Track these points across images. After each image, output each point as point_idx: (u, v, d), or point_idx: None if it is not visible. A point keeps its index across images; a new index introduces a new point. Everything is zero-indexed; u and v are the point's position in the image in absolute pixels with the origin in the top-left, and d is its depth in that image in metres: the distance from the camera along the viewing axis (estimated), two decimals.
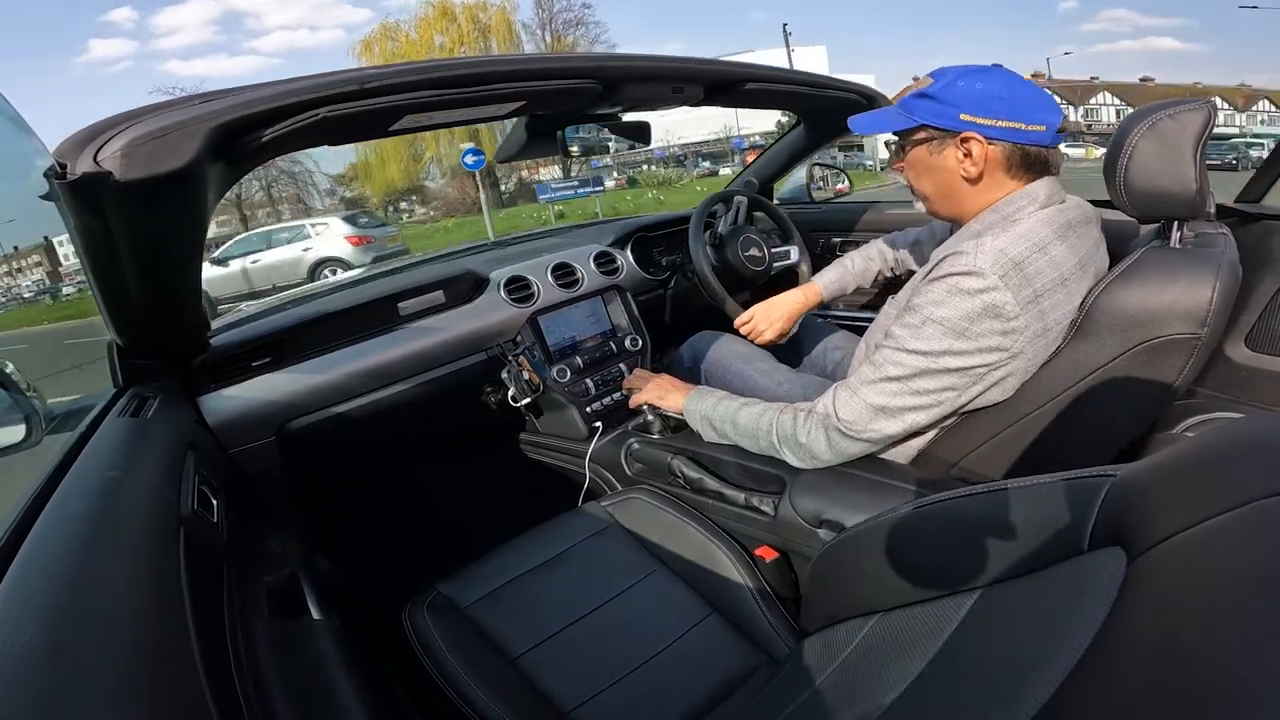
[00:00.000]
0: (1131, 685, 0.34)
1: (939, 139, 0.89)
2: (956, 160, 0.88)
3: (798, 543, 0.97)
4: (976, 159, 0.86)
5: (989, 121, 0.84)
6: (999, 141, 0.85)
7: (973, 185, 0.89)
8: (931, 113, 0.88)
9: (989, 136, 0.85)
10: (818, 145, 1.74)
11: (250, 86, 0.73)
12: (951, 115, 0.86)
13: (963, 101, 0.85)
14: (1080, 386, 0.85)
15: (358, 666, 0.69)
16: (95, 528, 0.52)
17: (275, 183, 25.05)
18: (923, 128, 0.89)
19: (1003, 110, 0.84)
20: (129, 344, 0.93)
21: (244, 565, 0.78)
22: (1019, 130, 0.84)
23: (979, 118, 0.84)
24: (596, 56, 0.97)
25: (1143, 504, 0.43)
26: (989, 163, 0.86)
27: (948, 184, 0.90)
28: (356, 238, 10.19)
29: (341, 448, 1.27)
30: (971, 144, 0.86)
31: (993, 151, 0.86)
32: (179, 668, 0.43)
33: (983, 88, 0.85)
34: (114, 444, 0.71)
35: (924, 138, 0.90)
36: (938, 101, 0.87)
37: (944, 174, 0.90)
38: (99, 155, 0.61)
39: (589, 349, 1.45)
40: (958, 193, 0.90)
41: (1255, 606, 0.30)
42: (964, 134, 0.86)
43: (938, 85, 0.87)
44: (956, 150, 0.87)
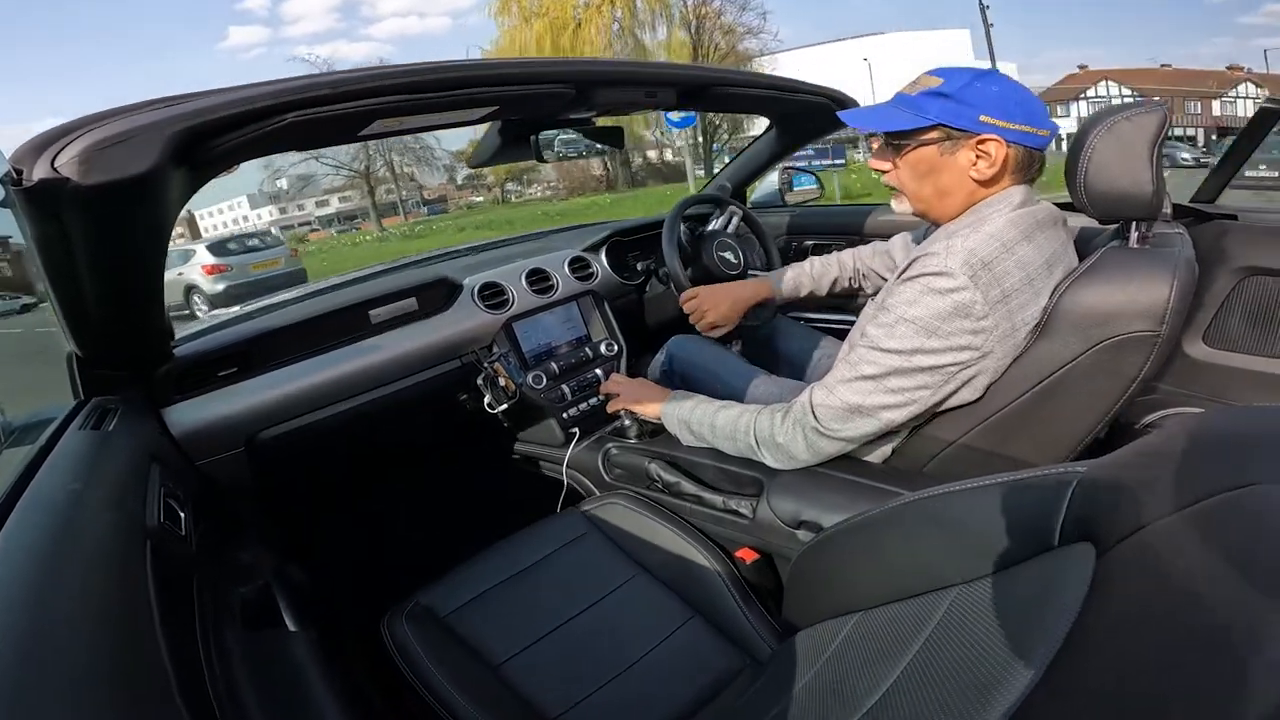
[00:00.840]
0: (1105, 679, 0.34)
1: (955, 139, 0.88)
2: (969, 161, 0.88)
3: (777, 544, 0.98)
4: (994, 160, 0.86)
5: (1008, 124, 0.85)
6: (1017, 144, 0.86)
7: (982, 186, 0.89)
8: (949, 113, 0.87)
9: (1008, 139, 0.86)
10: (790, 149, 1.76)
11: (216, 91, 0.72)
12: (971, 116, 0.86)
13: (982, 103, 0.85)
14: (1046, 384, 0.87)
15: (336, 678, 0.68)
16: (57, 542, 0.50)
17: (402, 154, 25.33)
18: (936, 127, 0.88)
19: (1019, 114, 0.85)
20: (89, 355, 0.90)
21: (216, 577, 0.76)
22: (1032, 134, 0.86)
23: (999, 120, 0.85)
24: (569, 61, 0.97)
25: (1110, 500, 0.44)
26: (1003, 165, 0.87)
27: (953, 184, 0.90)
28: (210, 266, 9.71)
29: (314, 457, 1.25)
30: (990, 145, 0.86)
31: (1010, 153, 0.87)
32: (150, 683, 0.42)
33: (998, 91, 0.86)
34: (75, 457, 0.69)
35: (936, 138, 0.89)
36: (956, 102, 0.86)
37: (951, 175, 0.89)
38: (56, 161, 0.59)
39: (564, 355, 1.44)
40: (957, 194, 0.90)
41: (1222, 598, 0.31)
42: (983, 135, 0.86)
43: (954, 85, 0.87)
44: (971, 151, 0.87)
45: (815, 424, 0.92)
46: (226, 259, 9.99)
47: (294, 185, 40.14)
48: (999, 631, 0.46)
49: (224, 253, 10.12)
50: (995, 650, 0.45)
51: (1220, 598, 0.31)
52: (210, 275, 9.72)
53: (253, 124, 0.71)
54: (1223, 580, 0.32)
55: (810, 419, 0.92)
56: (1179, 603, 0.33)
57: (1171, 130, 0.91)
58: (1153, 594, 0.35)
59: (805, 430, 0.93)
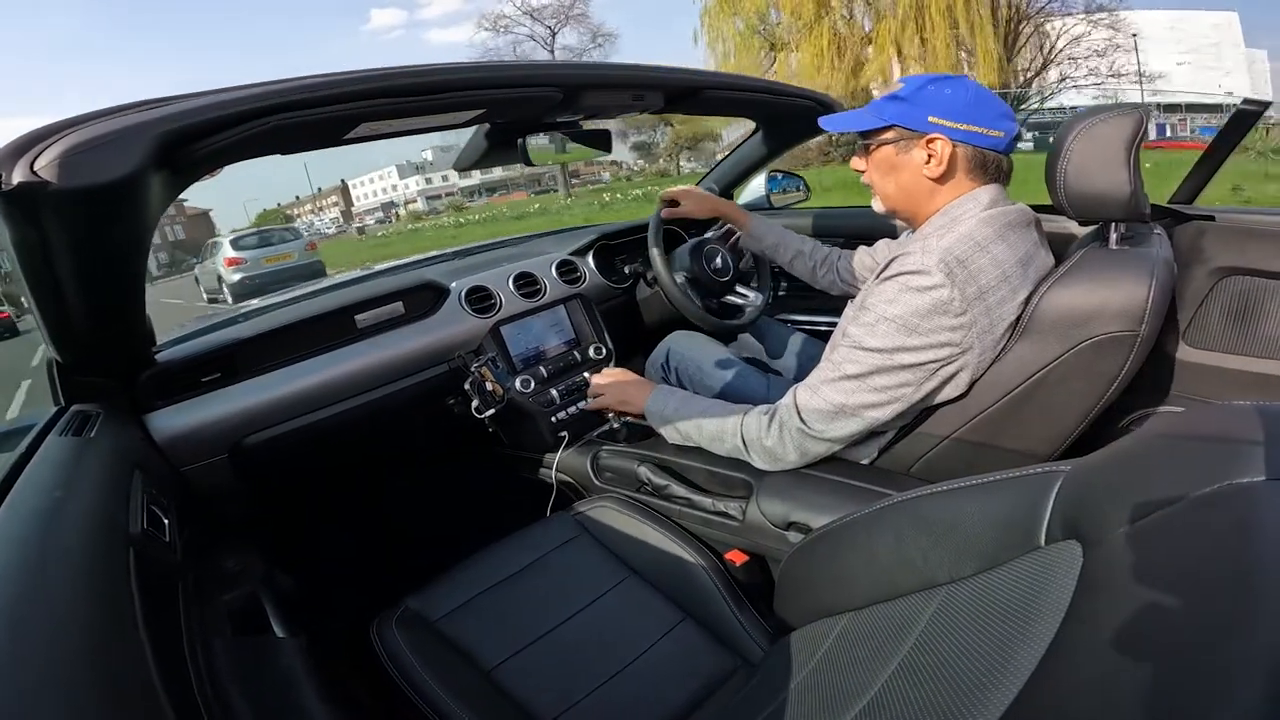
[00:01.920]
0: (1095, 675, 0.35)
1: (907, 139, 0.93)
2: (921, 160, 0.92)
3: (767, 546, 0.98)
4: (941, 158, 0.91)
5: (953, 124, 0.89)
6: (962, 143, 0.90)
7: (936, 184, 0.93)
8: (901, 114, 0.93)
9: (953, 138, 0.90)
10: (777, 152, 1.77)
11: (198, 94, 0.71)
12: (920, 117, 0.91)
13: (931, 104, 0.90)
14: (1028, 385, 0.88)
15: (326, 684, 0.67)
16: (37, 552, 0.49)
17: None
18: (892, 128, 0.94)
19: (966, 115, 0.89)
20: (70, 360, 0.89)
21: (202, 584, 0.75)
22: (979, 134, 0.90)
23: (945, 120, 0.90)
24: (555, 65, 0.98)
25: (1095, 497, 0.45)
26: (951, 163, 0.91)
27: (911, 183, 0.95)
28: (230, 259, 10.49)
29: (300, 463, 1.23)
30: (937, 144, 0.91)
31: (957, 152, 0.91)
32: (136, 693, 0.41)
33: (950, 93, 0.90)
34: (55, 464, 0.68)
35: (892, 138, 0.94)
36: (908, 104, 0.92)
37: (908, 173, 0.94)
38: (36, 164, 0.58)
39: (553, 358, 1.44)
40: (918, 192, 0.95)
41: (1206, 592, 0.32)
42: (930, 135, 0.91)
43: (908, 89, 0.93)
44: (923, 150, 0.92)
45: (801, 424, 0.93)
46: (244, 252, 10.63)
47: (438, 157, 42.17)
48: (989, 630, 0.47)
49: (242, 246, 10.77)
50: (986, 649, 0.45)
51: (1204, 592, 0.32)
52: (229, 267, 10.44)
53: (235, 127, 0.70)
54: (1207, 575, 0.33)
55: (796, 420, 0.93)
56: (1165, 598, 0.33)
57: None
58: (1138, 590, 0.36)
59: (791, 431, 0.94)
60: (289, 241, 11.16)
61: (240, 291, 9.83)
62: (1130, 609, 0.35)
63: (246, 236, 11.24)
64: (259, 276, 10.02)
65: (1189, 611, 0.31)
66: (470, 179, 44.00)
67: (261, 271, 10.26)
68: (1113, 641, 0.35)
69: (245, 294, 9.38)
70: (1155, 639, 0.32)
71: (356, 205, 50.88)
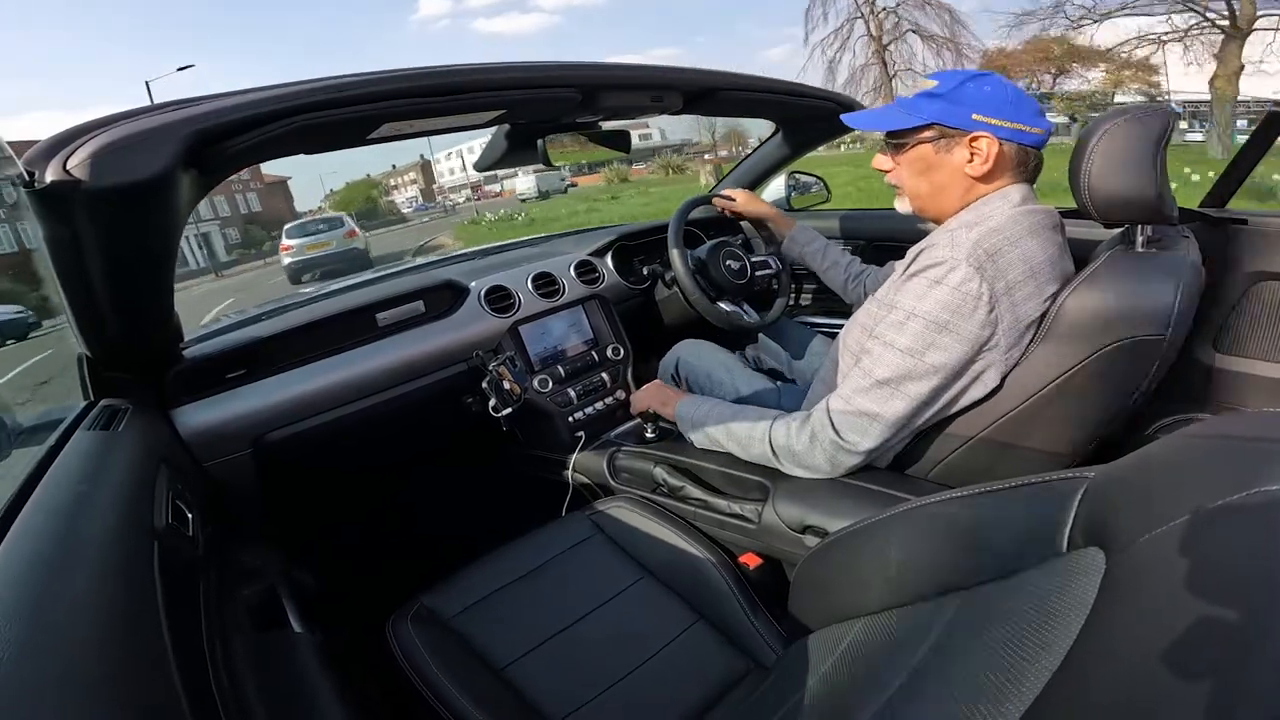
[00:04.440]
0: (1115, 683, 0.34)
1: (949, 137, 0.91)
2: (964, 159, 0.91)
3: (782, 549, 0.98)
4: (987, 156, 0.89)
5: (999, 122, 0.88)
6: (1009, 141, 0.89)
7: (975, 182, 0.92)
8: (942, 112, 0.91)
9: (999, 136, 0.89)
10: (796, 153, 1.77)
11: (225, 94, 0.72)
12: (964, 115, 0.89)
13: (973, 102, 0.89)
14: (1051, 390, 0.87)
15: (340, 680, 0.68)
16: (64, 544, 0.50)
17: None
18: (931, 126, 0.92)
19: (1010, 112, 0.88)
20: (99, 356, 0.91)
21: (222, 579, 0.76)
22: (1025, 132, 0.89)
23: (990, 118, 0.88)
24: (574, 65, 0.98)
25: (1119, 504, 0.44)
26: (998, 161, 0.90)
27: (948, 181, 0.93)
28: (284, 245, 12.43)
29: (320, 460, 1.25)
30: (982, 142, 0.89)
31: (1004, 150, 0.89)
32: (156, 685, 0.42)
33: (990, 90, 0.89)
34: (83, 458, 0.69)
35: (931, 136, 0.93)
36: (949, 101, 0.90)
37: (946, 172, 0.93)
38: (68, 163, 0.60)
39: (571, 358, 1.45)
40: (954, 191, 0.93)
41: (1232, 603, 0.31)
42: (976, 133, 0.89)
43: (946, 86, 0.91)
44: (965, 149, 0.91)
45: (834, 436, 0.91)
46: (292, 240, 12.47)
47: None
48: (1006, 637, 0.46)
49: (292, 235, 12.65)
50: (1002, 655, 0.45)
51: (1230, 601, 0.31)
52: (284, 253, 12.44)
53: (261, 127, 0.72)
54: (1232, 584, 0.32)
55: (829, 431, 0.92)
56: (1188, 607, 0.33)
57: None
58: (1163, 598, 0.35)
59: (824, 443, 0.93)
60: (329, 231, 12.73)
61: (292, 271, 12.05)
62: (1152, 617, 0.35)
63: (298, 225, 13.19)
64: (302, 262, 12.03)
65: (1214, 621, 0.31)
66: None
67: (305, 258, 12.09)
68: (1133, 649, 0.34)
69: (295, 274, 11.94)
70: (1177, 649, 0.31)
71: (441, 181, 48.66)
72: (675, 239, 1.43)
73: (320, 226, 12.95)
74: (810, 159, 1.91)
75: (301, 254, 12.14)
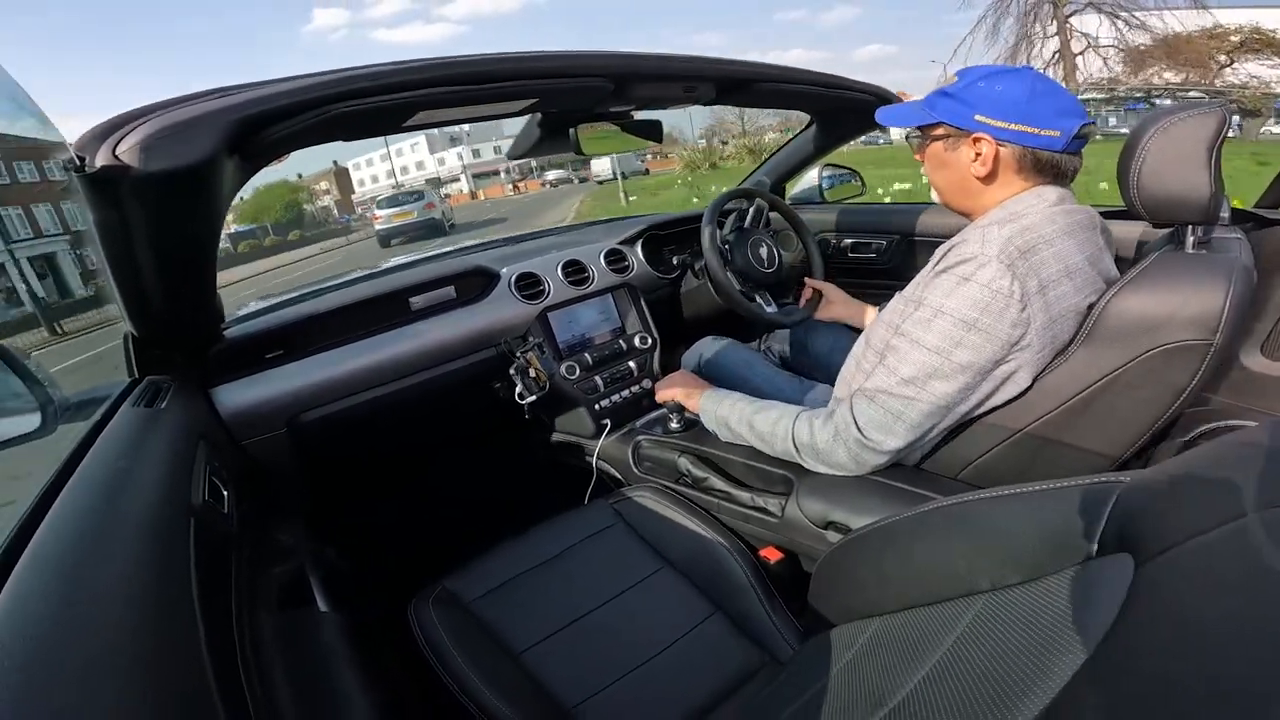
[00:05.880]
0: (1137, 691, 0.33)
1: (955, 136, 0.91)
2: (969, 159, 0.90)
3: (804, 544, 0.97)
4: (986, 159, 0.88)
5: (1000, 123, 0.86)
6: (1008, 143, 0.87)
7: (984, 184, 0.90)
8: (949, 111, 0.90)
9: (998, 138, 0.87)
10: (831, 146, 1.74)
11: (266, 82, 0.74)
12: (966, 115, 0.88)
13: (979, 102, 0.87)
14: (1089, 392, 0.84)
15: (362, 660, 0.69)
16: (106, 519, 0.52)
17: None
18: (941, 124, 0.92)
19: (1015, 114, 0.85)
20: (145, 335, 0.94)
21: (254, 557, 0.78)
22: (1028, 134, 0.86)
23: (991, 119, 0.86)
24: (608, 55, 0.97)
25: (1153, 510, 0.43)
26: (999, 163, 0.88)
27: (960, 179, 0.93)
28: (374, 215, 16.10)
29: (351, 441, 1.28)
30: (982, 144, 0.88)
31: (1002, 153, 0.87)
32: (185, 657, 0.43)
33: (1002, 90, 0.87)
34: (127, 434, 0.72)
35: (942, 134, 0.92)
36: (957, 100, 0.89)
37: (956, 170, 0.92)
38: (118, 149, 0.62)
39: (598, 346, 1.45)
40: (969, 189, 0.92)
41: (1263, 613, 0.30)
42: (976, 134, 0.88)
43: (960, 84, 0.90)
44: (970, 149, 0.89)
45: (858, 434, 0.90)
46: (381, 210, 15.70)
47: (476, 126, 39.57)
48: (1027, 640, 0.45)
49: (383, 205, 15.85)
50: (1021, 658, 0.44)
51: (1263, 614, 0.30)
52: (375, 222, 15.81)
53: (299, 115, 0.73)
54: (1264, 595, 0.31)
55: (853, 430, 0.91)
56: (1218, 618, 0.32)
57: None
58: (1191, 608, 0.34)
59: (848, 441, 0.91)
60: (414, 202, 15.77)
61: (381, 242, 15.27)
62: (1181, 626, 0.34)
63: (388, 198, 16.32)
64: (389, 229, 15.17)
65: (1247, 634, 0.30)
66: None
67: (391, 226, 15.14)
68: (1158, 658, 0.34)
69: (384, 244, 15.03)
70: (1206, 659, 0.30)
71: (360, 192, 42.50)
72: (709, 232, 1.42)
73: (417, 196, 16.19)
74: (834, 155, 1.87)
75: (389, 223, 15.15)
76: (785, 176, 1.87)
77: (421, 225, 14.97)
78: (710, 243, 1.40)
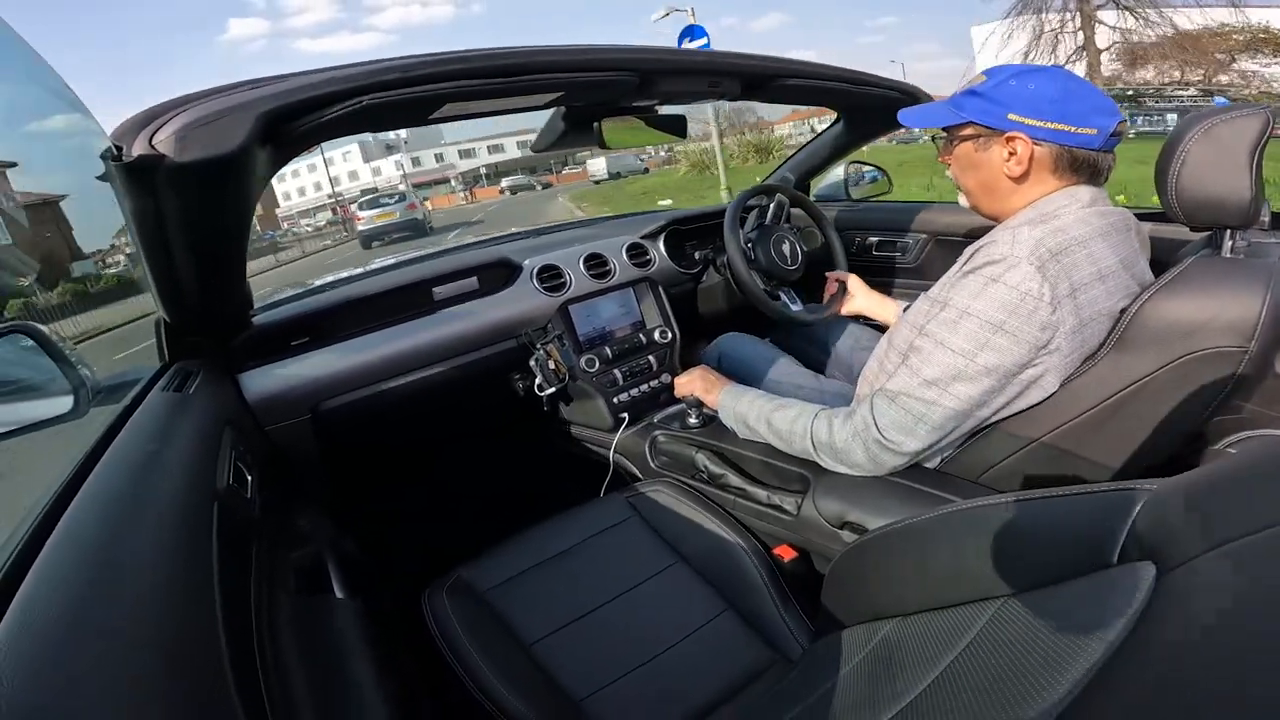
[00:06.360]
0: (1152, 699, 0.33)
1: (985, 136, 0.89)
2: (1001, 158, 0.88)
3: (818, 543, 0.97)
4: (1021, 158, 0.86)
5: (1036, 122, 0.84)
6: (1045, 142, 0.85)
7: (1016, 184, 0.89)
8: (979, 110, 0.89)
9: (1035, 137, 0.85)
10: (858, 143, 1.72)
11: (296, 74, 0.75)
12: (999, 114, 0.87)
13: (1011, 101, 0.86)
14: (1119, 398, 0.83)
15: (375, 646, 0.70)
16: (133, 501, 0.54)
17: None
18: (970, 124, 0.90)
19: (1050, 112, 0.84)
20: (177, 321, 0.96)
21: (273, 542, 0.79)
22: (1065, 132, 0.84)
23: (1026, 118, 0.85)
24: (633, 49, 0.97)
25: (1178, 519, 0.42)
26: (1034, 162, 0.87)
27: (991, 180, 0.91)
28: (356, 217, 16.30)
29: (371, 429, 1.30)
30: (1017, 143, 0.86)
31: (1039, 152, 0.86)
32: (203, 640, 0.44)
33: (1034, 88, 0.85)
34: (156, 418, 0.74)
35: (971, 134, 0.91)
36: (987, 100, 0.88)
37: (988, 171, 0.91)
38: (154, 139, 0.64)
39: (618, 340, 1.46)
40: (1000, 190, 0.91)
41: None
42: (1010, 133, 0.86)
43: (989, 84, 0.88)
44: (1002, 149, 0.88)
45: (878, 435, 0.89)
46: (363, 212, 15.77)
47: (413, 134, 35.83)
48: (1041, 646, 0.45)
49: (364, 207, 16.01)
50: (1034, 664, 0.44)
51: None
52: (357, 223, 15.82)
53: (331, 106, 0.74)
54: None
55: (873, 430, 0.90)
56: (1242, 629, 0.31)
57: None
58: (1213, 619, 0.33)
59: (867, 442, 0.90)
60: (397, 204, 15.95)
61: (362, 242, 15.29)
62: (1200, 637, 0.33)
63: (365, 200, 16.38)
64: (372, 230, 15.15)
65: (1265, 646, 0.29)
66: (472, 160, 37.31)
67: (374, 226, 15.14)
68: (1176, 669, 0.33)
69: (365, 245, 15.01)
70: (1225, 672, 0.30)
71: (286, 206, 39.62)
72: (732, 227, 1.41)
73: (399, 196, 16.52)
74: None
75: (371, 223, 15.11)
76: (810, 173, 1.85)
77: (405, 225, 15.05)
78: (733, 243, 1.40)
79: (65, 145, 1.30)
